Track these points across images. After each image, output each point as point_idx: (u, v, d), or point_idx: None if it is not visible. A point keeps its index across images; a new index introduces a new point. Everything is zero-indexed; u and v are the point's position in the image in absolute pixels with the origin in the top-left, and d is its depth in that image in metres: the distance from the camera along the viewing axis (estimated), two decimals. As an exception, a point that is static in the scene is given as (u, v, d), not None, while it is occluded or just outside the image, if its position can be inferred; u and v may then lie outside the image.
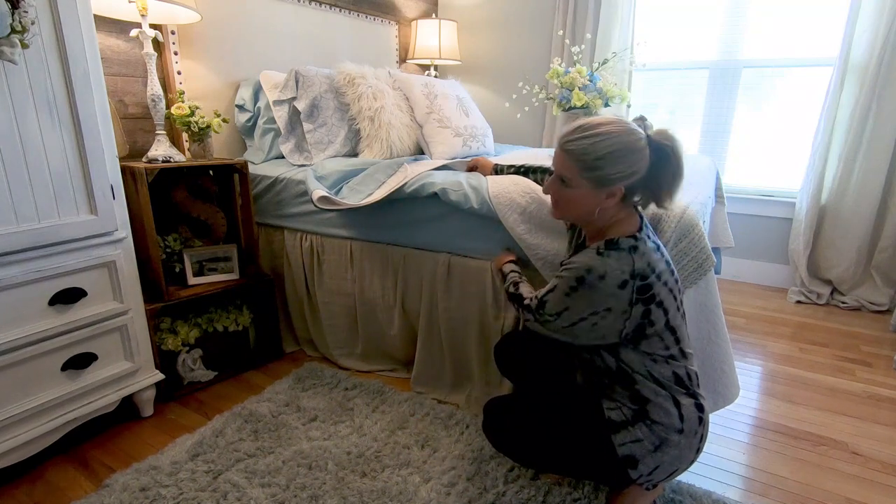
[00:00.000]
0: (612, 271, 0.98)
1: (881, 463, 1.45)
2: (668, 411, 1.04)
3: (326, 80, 2.13)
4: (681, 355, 1.07)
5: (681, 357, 1.07)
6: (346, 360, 1.98)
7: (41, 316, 1.34)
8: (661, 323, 1.03)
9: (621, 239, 1.02)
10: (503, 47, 3.34)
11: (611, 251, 1.00)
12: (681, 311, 1.08)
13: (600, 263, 0.99)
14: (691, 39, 2.84)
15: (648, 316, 1.01)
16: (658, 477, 1.07)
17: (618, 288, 0.98)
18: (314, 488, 1.31)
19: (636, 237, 1.02)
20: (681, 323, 1.07)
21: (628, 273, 0.98)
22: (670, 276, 1.05)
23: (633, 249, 1.00)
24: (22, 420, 1.33)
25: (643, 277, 0.99)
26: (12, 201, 1.24)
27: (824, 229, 2.65)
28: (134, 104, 1.88)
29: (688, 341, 1.10)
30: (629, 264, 0.99)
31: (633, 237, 1.02)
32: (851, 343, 2.20)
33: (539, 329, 1.12)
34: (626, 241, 1.01)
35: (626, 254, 0.99)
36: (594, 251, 1.02)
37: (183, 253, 1.82)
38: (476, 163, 1.79)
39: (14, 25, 1.10)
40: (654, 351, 1.04)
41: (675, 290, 1.06)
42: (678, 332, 1.06)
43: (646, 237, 1.04)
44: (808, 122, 2.66)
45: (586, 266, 0.99)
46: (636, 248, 1.00)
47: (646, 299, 1.00)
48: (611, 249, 1.00)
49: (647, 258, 1.00)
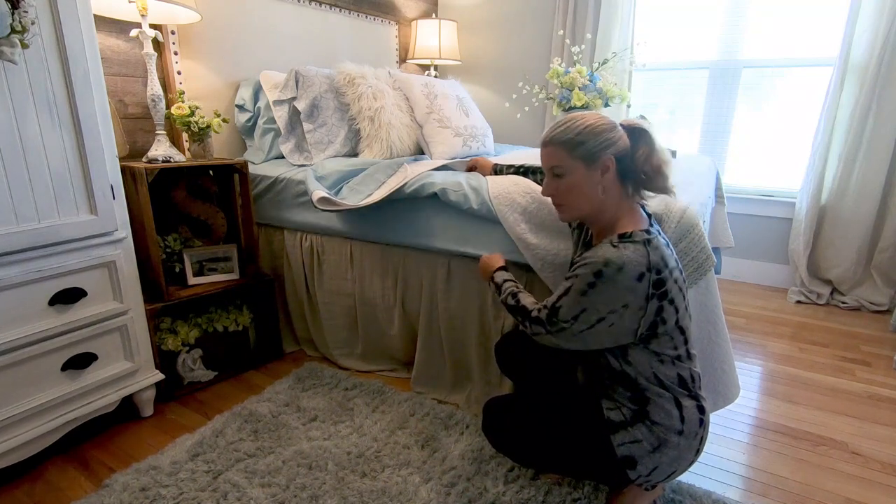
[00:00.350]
0: (629, 262, 0.97)
1: (881, 463, 1.45)
2: (670, 412, 1.04)
3: (326, 80, 2.13)
4: (687, 356, 1.07)
5: (686, 358, 1.07)
6: (346, 360, 1.98)
7: (41, 316, 1.34)
8: (671, 321, 1.02)
9: (635, 232, 1.02)
10: (503, 47, 3.34)
11: (626, 243, 0.99)
12: (688, 311, 1.08)
13: (617, 255, 0.97)
14: (691, 39, 2.84)
15: (661, 313, 1.00)
16: (657, 478, 1.07)
17: (636, 281, 0.97)
18: (314, 488, 1.31)
19: (649, 230, 1.03)
20: (689, 323, 1.07)
21: (644, 265, 0.97)
22: (679, 274, 1.05)
23: (648, 242, 1.00)
24: (22, 420, 1.33)
25: (658, 271, 0.98)
26: (12, 201, 1.24)
27: (824, 229, 2.65)
28: (134, 104, 1.88)
29: (693, 342, 1.10)
30: (644, 256, 0.98)
31: (647, 231, 1.02)
32: (851, 343, 2.20)
33: (551, 341, 1.07)
34: (639, 234, 1.01)
35: (641, 246, 0.99)
36: (608, 244, 1.01)
37: (183, 253, 1.82)
38: (475, 163, 1.79)
39: (14, 25, 1.10)
40: (662, 351, 1.03)
41: (683, 289, 1.06)
42: (687, 331, 1.06)
43: (657, 232, 1.05)
44: (808, 122, 2.66)
45: (604, 259, 0.98)
46: (650, 241, 1.00)
47: (660, 294, 0.99)
48: (626, 241, 1.00)
49: (661, 252, 1.00)
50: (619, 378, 1.08)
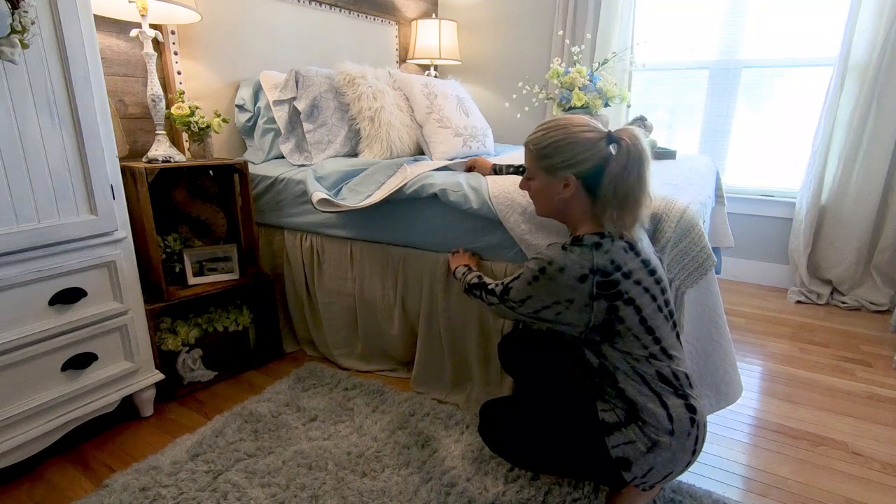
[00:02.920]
0: (571, 265, 1.03)
1: (881, 463, 1.45)
2: (655, 412, 1.04)
3: (326, 80, 2.12)
4: (663, 355, 1.07)
5: (663, 357, 1.07)
6: (346, 360, 1.98)
7: (41, 316, 1.34)
8: (632, 321, 1.04)
9: (586, 236, 1.07)
10: (503, 47, 3.34)
11: (574, 247, 1.06)
12: (664, 312, 1.08)
13: (562, 257, 1.04)
14: (691, 39, 2.84)
15: (615, 312, 1.03)
16: (653, 479, 1.07)
17: (577, 281, 1.02)
18: (314, 488, 1.31)
19: (602, 235, 1.06)
20: (662, 324, 1.07)
21: (587, 268, 1.02)
22: (647, 276, 1.06)
23: (596, 246, 1.04)
24: (22, 420, 1.33)
25: (604, 274, 1.02)
26: (12, 201, 1.24)
27: (824, 229, 2.65)
28: (134, 104, 1.88)
29: (672, 342, 1.09)
30: (589, 260, 1.03)
31: (599, 234, 1.07)
32: (851, 343, 2.20)
33: (506, 313, 1.17)
34: (590, 238, 1.06)
35: (587, 250, 1.04)
36: (560, 246, 1.08)
37: (183, 253, 1.82)
38: (474, 162, 1.79)
39: (14, 25, 1.10)
40: (631, 350, 1.06)
41: (653, 290, 1.06)
42: (657, 332, 1.06)
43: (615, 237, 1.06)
44: (808, 122, 2.66)
45: (548, 258, 1.05)
46: (599, 244, 1.05)
47: (609, 295, 1.02)
48: (574, 245, 1.06)
49: (611, 256, 1.03)
50: (602, 376, 1.09)
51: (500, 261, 1.59)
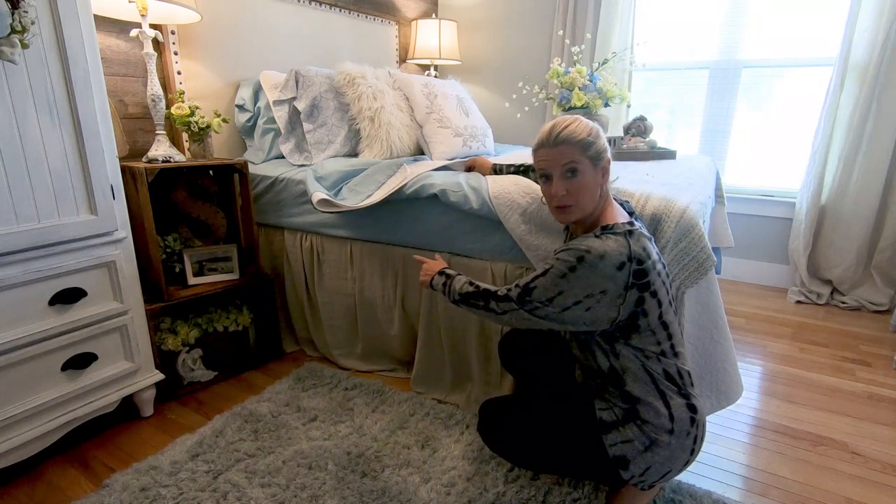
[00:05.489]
0: (611, 252, 1.00)
1: (881, 463, 1.45)
2: (658, 411, 1.04)
3: (326, 80, 2.12)
4: (671, 352, 1.07)
5: (671, 355, 1.07)
6: (346, 360, 1.98)
7: (41, 316, 1.34)
8: (654, 315, 1.04)
9: (617, 224, 1.05)
10: (503, 47, 3.34)
11: (608, 234, 1.03)
12: (673, 307, 1.09)
13: (600, 244, 1.00)
14: (691, 39, 2.84)
15: (642, 304, 1.02)
16: (651, 478, 1.07)
17: (616, 269, 0.99)
18: (314, 488, 1.31)
19: (631, 223, 1.06)
20: (673, 319, 1.08)
21: (626, 255, 1.00)
22: (662, 269, 1.07)
23: (630, 233, 1.03)
24: (22, 420, 1.33)
25: (640, 261, 1.01)
26: (12, 201, 1.24)
27: (824, 229, 2.65)
28: (134, 104, 1.88)
29: (680, 339, 1.10)
30: (626, 246, 1.01)
31: (629, 223, 1.06)
32: (851, 343, 2.20)
33: (523, 320, 1.08)
34: (622, 225, 1.05)
35: (622, 237, 1.02)
36: (592, 235, 1.04)
37: (183, 253, 1.82)
38: (473, 162, 1.79)
39: (14, 25, 1.10)
40: (645, 346, 1.05)
41: (667, 284, 1.08)
42: (670, 327, 1.07)
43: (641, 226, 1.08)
44: (808, 122, 2.66)
45: (586, 247, 1.00)
46: (632, 232, 1.04)
47: (641, 285, 1.01)
48: (608, 233, 1.04)
49: (643, 243, 1.03)
50: (608, 376, 1.09)
51: (500, 261, 1.59)
